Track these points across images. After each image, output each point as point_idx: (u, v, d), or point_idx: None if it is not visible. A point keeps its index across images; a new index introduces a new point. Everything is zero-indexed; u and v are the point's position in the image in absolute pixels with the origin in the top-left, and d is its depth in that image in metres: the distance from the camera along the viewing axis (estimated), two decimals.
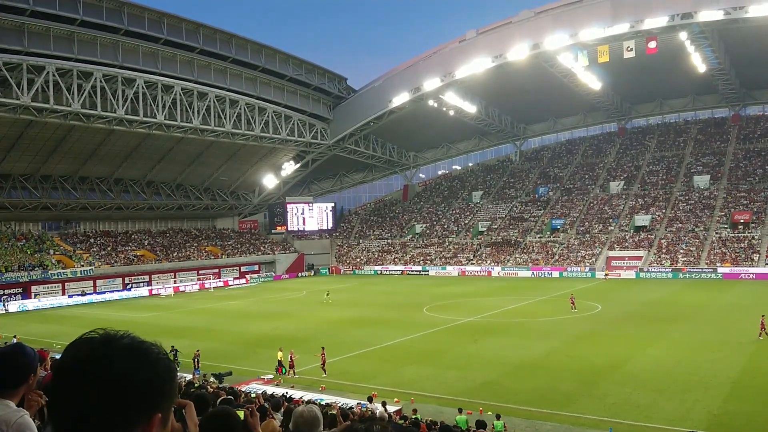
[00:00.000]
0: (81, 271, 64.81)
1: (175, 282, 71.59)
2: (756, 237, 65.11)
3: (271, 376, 26.47)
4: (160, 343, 1.55)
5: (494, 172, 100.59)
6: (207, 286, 72.77)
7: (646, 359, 27.13)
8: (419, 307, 46.62)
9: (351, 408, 16.45)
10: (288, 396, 18.70)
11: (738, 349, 28.05)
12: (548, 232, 79.85)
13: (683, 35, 59.30)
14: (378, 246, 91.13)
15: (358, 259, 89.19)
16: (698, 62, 65.70)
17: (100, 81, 54.24)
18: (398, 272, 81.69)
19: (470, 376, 25.59)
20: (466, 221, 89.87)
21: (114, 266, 69.91)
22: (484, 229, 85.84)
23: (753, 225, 67.16)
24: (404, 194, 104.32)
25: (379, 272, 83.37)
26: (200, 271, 76.03)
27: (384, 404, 18.71)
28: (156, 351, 1.50)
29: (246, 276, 79.80)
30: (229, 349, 33.24)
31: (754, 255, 62.62)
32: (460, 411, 19.08)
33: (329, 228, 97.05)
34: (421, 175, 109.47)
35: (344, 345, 32.89)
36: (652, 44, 59.10)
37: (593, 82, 72.34)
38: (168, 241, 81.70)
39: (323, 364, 26.52)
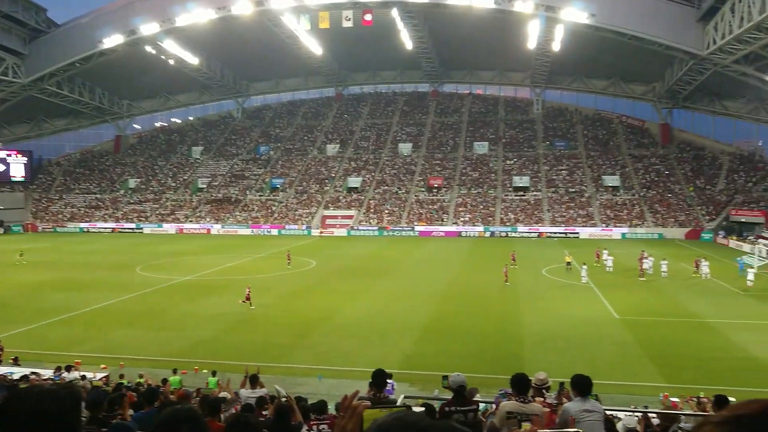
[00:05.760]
0: None
1: None
2: (446, 200, 74.93)
3: None
4: None
5: (216, 128, 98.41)
6: None
7: (352, 310, 29.70)
8: (132, 267, 44.06)
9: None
10: None
11: (428, 298, 32.27)
12: (268, 191, 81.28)
13: (395, 12, 64.37)
14: (85, 201, 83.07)
15: (61, 216, 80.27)
16: (406, 39, 72.06)
17: None
18: (109, 230, 75.74)
19: (186, 335, 25.24)
20: (185, 177, 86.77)
21: None
22: (204, 185, 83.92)
23: (444, 189, 77.13)
24: (116, 146, 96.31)
25: (85, 230, 76.28)
26: None
27: (84, 376, 17.53)
28: None
29: None
30: None
31: (444, 215, 72.11)
32: (175, 371, 18.81)
33: (24, 179, 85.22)
34: (135, 126, 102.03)
35: (43, 311, 29.65)
36: (368, 17, 63.06)
37: (315, 47, 74.70)
38: None
39: None
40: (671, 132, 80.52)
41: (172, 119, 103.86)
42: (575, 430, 2.38)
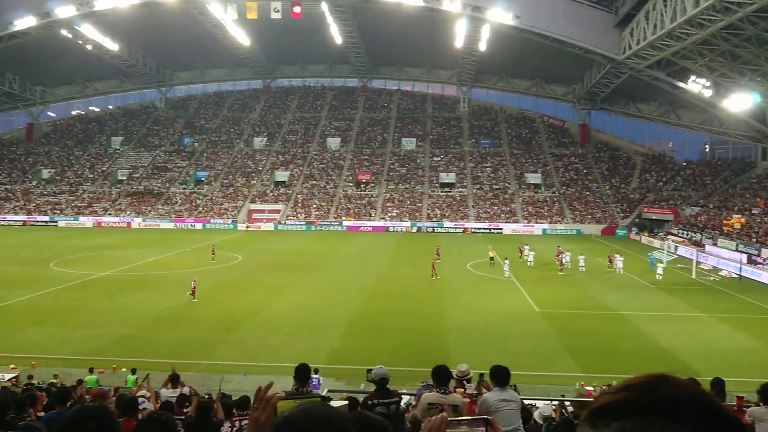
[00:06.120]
0: None
1: None
2: (374, 195, 75.28)
3: None
4: None
5: (137, 118, 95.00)
6: None
7: (280, 305, 29.42)
8: (45, 262, 41.94)
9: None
10: None
11: (356, 293, 32.36)
12: (192, 184, 79.24)
13: (325, 6, 63.98)
14: None
15: None
16: (336, 34, 71.81)
17: None
18: (20, 223, 71.73)
19: (104, 333, 24.30)
20: (104, 168, 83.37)
21: None
22: (124, 177, 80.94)
23: (372, 184, 77.45)
24: (28, 134, 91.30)
25: None
26: None
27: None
28: None
29: None
30: None
31: (372, 210, 72.43)
32: (91, 371, 18.10)
33: None
34: (50, 113, 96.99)
35: None
36: (297, 9, 62.43)
37: (242, 38, 73.19)
38: None
39: None
40: (589, 132, 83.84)
41: (90, 107, 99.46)
42: (485, 416, 2.46)
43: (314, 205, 73.67)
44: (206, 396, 13.24)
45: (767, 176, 61.86)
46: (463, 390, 8.26)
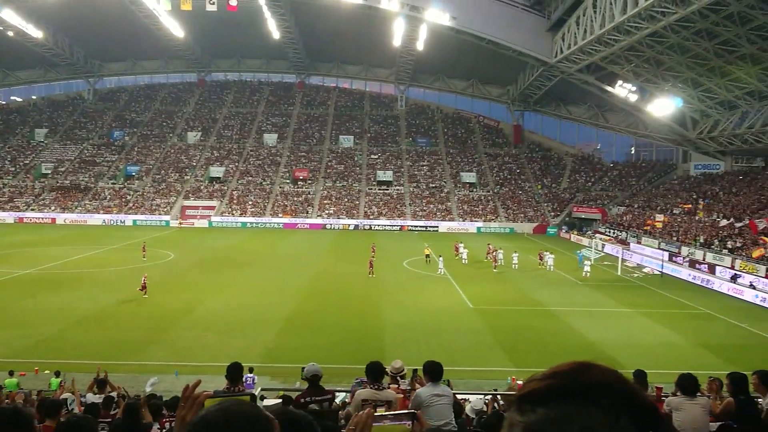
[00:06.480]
0: None
1: None
2: (311, 192, 74.81)
3: None
4: None
5: (63, 109, 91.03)
6: None
7: (215, 303, 28.86)
8: None
9: None
10: None
11: (291, 292, 32.07)
12: (123, 179, 76.63)
13: (261, 0, 63.00)
14: None
15: None
16: (273, 28, 70.86)
17: None
18: None
19: (26, 334, 23.23)
20: (27, 161, 79.53)
21: None
22: (49, 171, 77.44)
23: (310, 181, 76.94)
24: None
25: None
26: None
27: None
28: None
29: None
30: None
31: (309, 208, 71.97)
32: (11, 374, 17.27)
33: None
34: None
35: None
36: (233, 2, 61.25)
37: (176, 29, 71.12)
38: None
39: None
40: (522, 133, 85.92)
41: (12, 97, 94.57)
42: (412, 411, 2.51)
43: (250, 202, 72.58)
44: (135, 397, 12.87)
45: (687, 178, 65.03)
46: (397, 386, 8.35)
